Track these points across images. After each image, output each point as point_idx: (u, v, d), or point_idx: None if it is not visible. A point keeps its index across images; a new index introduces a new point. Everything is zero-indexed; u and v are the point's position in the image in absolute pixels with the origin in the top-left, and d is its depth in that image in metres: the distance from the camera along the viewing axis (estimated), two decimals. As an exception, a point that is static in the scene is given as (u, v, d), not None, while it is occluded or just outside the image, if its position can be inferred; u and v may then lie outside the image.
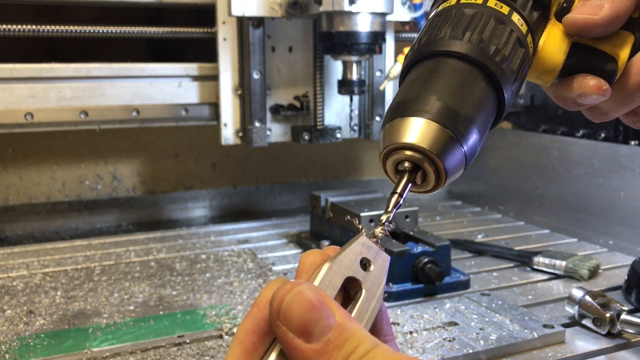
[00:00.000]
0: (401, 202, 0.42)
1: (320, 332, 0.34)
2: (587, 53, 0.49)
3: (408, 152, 0.42)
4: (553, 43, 0.49)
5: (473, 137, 0.43)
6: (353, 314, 0.38)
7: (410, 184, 0.42)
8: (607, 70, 0.49)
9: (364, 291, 0.39)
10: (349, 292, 0.40)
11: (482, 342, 0.80)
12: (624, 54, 0.50)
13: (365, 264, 0.40)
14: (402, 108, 0.43)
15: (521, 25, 0.47)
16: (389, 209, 0.42)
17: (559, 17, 0.49)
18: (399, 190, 0.42)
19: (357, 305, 0.39)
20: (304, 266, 0.40)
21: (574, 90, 0.50)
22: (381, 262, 0.40)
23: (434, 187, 0.43)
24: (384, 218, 0.42)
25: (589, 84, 0.49)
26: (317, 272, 0.38)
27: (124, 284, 1.03)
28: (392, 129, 0.43)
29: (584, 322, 0.85)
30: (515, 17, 0.47)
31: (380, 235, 0.41)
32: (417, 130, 0.42)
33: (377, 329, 0.41)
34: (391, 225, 0.42)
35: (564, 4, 0.49)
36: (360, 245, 0.40)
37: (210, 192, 1.62)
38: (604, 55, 0.49)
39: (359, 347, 0.34)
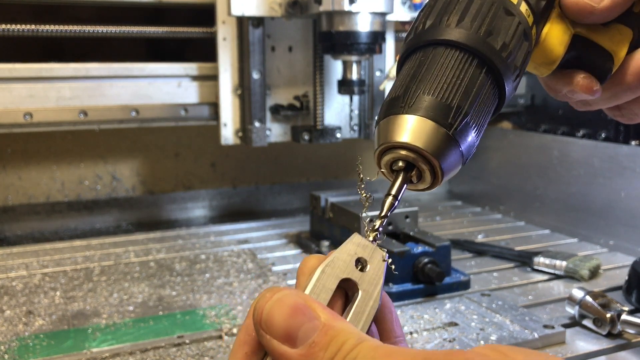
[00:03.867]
0: (396, 204, 0.41)
1: (304, 335, 0.34)
2: (586, 47, 0.49)
3: (402, 152, 0.40)
4: (555, 35, 0.48)
5: (470, 135, 0.41)
6: (350, 316, 0.38)
7: (405, 185, 0.41)
8: (604, 66, 0.49)
9: (360, 292, 0.38)
10: (347, 293, 0.40)
11: (482, 342, 0.79)
12: (621, 50, 0.50)
13: (361, 263, 0.39)
14: (398, 104, 0.41)
15: (528, 17, 0.45)
16: (384, 212, 0.41)
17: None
18: (393, 191, 0.41)
19: (353, 306, 0.38)
20: (302, 270, 0.40)
21: (566, 86, 0.50)
22: (378, 261, 0.39)
23: (430, 186, 0.42)
24: (377, 223, 0.41)
25: (580, 83, 0.49)
26: (311, 276, 0.38)
27: (124, 285, 1.03)
28: (387, 127, 0.41)
29: (585, 322, 0.85)
30: (524, 8, 0.45)
31: (374, 237, 0.40)
32: (411, 129, 0.40)
33: (387, 330, 0.40)
34: (389, 227, 0.41)
35: None
36: (355, 245, 0.39)
37: (210, 192, 1.62)
38: (602, 51, 0.49)
39: (344, 345, 0.33)
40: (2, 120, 1.20)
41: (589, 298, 0.84)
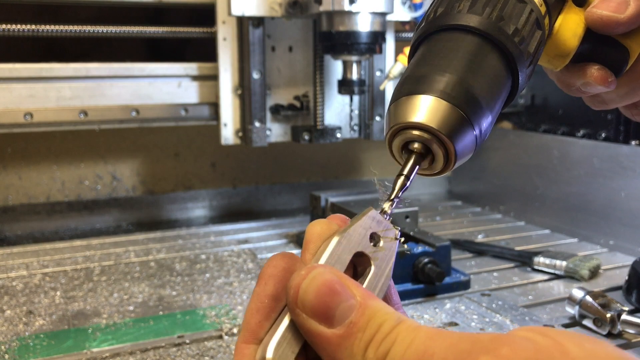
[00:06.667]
0: (408, 184, 0.39)
1: (341, 315, 0.33)
2: (601, 41, 0.48)
3: (416, 132, 0.39)
4: (569, 27, 0.48)
5: (485, 119, 0.40)
6: None
7: (417, 166, 0.40)
8: (618, 60, 0.49)
9: (372, 267, 0.37)
10: (356, 267, 0.39)
11: (482, 342, 0.79)
12: (637, 45, 0.49)
13: (375, 239, 0.38)
14: (411, 85, 0.40)
15: (540, 6, 0.45)
16: (395, 192, 0.39)
17: (577, 1, 0.48)
18: (405, 172, 0.39)
19: (365, 281, 0.37)
20: (311, 236, 0.38)
21: (580, 79, 0.50)
22: (391, 238, 0.38)
23: (441, 170, 0.41)
24: (387, 205, 0.39)
25: (594, 75, 0.49)
26: (326, 246, 0.36)
27: (124, 284, 1.03)
28: (400, 107, 0.40)
29: (585, 322, 0.85)
30: None
31: (388, 211, 0.39)
32: (426, 109, 0.39)
33: (386, 298, 0.39)
34: (399, 205, 0.40)
35: None
36: (370, 220, 0.38)
37: (210, 192, 1.62)
38: (617, 45, 0.49)
39: (382, 326, 0.33)
40: (2, 120, 1.20)
41: (589, 298, 0.84)
